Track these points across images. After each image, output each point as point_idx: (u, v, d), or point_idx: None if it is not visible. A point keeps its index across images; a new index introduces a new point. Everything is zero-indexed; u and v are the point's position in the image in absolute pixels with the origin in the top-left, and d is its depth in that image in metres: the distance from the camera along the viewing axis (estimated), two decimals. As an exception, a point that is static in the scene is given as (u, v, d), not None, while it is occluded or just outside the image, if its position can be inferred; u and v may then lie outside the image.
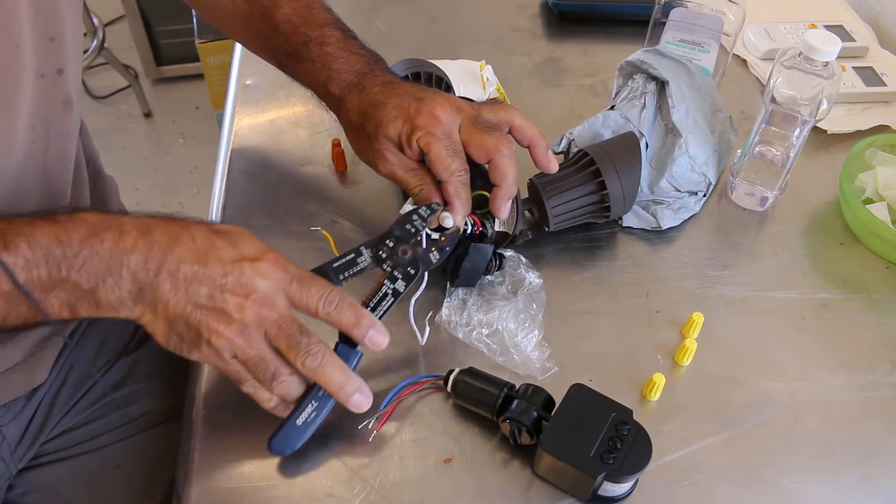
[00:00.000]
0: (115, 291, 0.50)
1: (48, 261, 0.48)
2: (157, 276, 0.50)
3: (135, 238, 0.50)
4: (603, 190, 0.69)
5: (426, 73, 0.78)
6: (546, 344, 0.64)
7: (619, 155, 0.69)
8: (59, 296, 0.49)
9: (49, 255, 0.48)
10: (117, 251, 0.49)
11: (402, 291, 0.58)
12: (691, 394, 0.63)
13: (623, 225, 0.75)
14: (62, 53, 0.57)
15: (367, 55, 0.68)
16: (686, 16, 0.81)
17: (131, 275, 0.50)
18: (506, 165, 0.61)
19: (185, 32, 2.15)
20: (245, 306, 0.51)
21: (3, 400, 0.66)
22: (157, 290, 0.50)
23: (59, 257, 0.48)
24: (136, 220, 0.51)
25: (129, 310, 0.51)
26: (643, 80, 0.78)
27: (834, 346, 0.68)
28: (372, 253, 0.58)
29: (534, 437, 0.56)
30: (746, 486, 0.58)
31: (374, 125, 0.63)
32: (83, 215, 0.50)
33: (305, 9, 0.69)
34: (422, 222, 0.59)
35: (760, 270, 0.73)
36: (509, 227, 0.66)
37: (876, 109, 0.91)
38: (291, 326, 0.52)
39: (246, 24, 0.72)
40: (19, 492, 0.70)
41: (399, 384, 0.61)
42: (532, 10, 1.06)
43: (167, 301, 0.51)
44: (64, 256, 0.48)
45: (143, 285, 0.50)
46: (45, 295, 0.48)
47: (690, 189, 0.76)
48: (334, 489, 0.56)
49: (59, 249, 0.48)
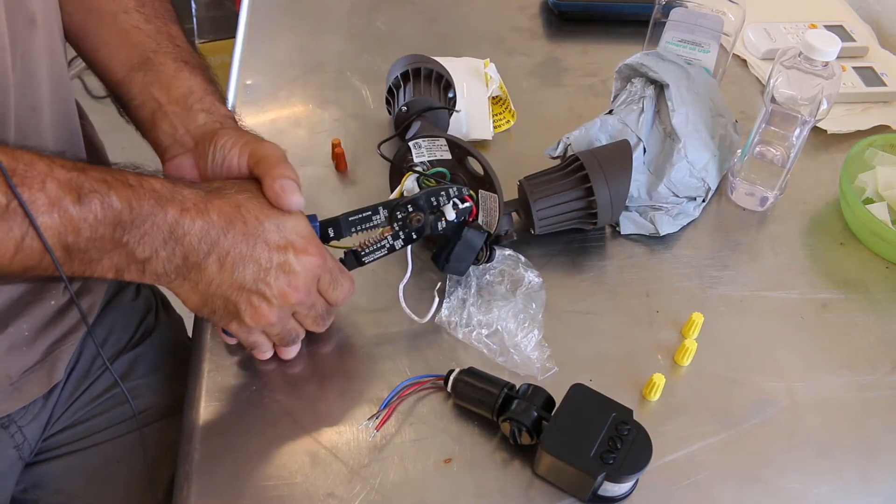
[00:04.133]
0: (166, 265, 0.52)
1: (115, 224, 0.48)
2: (208, 256, 0.53)
3: (193, 216, 0.52)
4: (590, 196, 0.68)
5: (427, 69, 0.78)
6: (546, 344, 0.64)
7: (609, 163, 0.69)
8: (112, 258, 0.50)
9: (118, 219, 0.48)
10: (177, 227, 0.51)
11: (396, 249, 0.63)
12: (691, 394, 0.63)
13: (622, 233, 0.75)
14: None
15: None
16: (686, 16, 0.81)
17: (183, 252, 0.52)
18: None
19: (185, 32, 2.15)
20: (286, 293, 0.55)
21: (25, 401, 0.66)
22: (204, 270, 0.53)
23: (126, 223, 0.49)
24: (195, 196, 0.53)
25: (169, 281, 0.53)
26: (642, 84, 0.78)
27: (834, 346, 0.68)
28: (388, 213, 0.62)
29: (534, 437, 0.56)
30: (746, 486, 0.58)
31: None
32: (151, 182, 0.51)
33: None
34: (446, 200, 0.62)
35: (760, 270, 0.73)
36: (491, 227, 0.66)
37: (876, 109, 0.91)
38: (320, 308, 0.59)
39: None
40: (21, 488, 0.70)
41: (399, 384, 0.61)
42: (532, 10, 1.06)
43: (210, 281, 0.53)
44: (132, 224, 0.49)
45: (192, 263, 0.52)
46: (100, 255, 0.49)
47: (689, 194, 0.76)
48: (334, 489, 0.56)
49: (129, 216, 0.49)
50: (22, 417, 0.67)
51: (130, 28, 0.65)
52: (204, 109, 0.63)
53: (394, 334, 0.66)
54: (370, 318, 0.67)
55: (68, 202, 0.46)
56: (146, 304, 0.81)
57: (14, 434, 0.67)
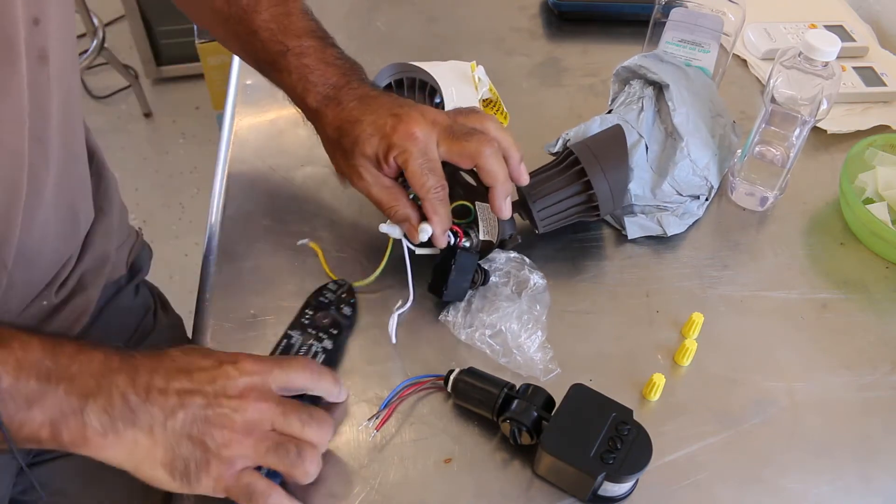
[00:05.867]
0: (107, 412, 0.48)
1: (38, 368, 0.46)
2: (148, 394, 0.49)
3: (119, 361, 0.50)
4: (589, 189, 0.68)
5: (409, 79, 0.78)
6: (549, 346, 0.64)
7: (604, 152, 0.68)
8: (43, 409, 0.46)
9: (40, 362, 0.46)
10: (105, 370, 0.48)
11: (330, 348, 0.62)
12: (691, 394, 0.63)
13: (629, 237, 0.74)
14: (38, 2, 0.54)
15: (344, 65, 0.68)
16: (686, 16, 0.81)
17: (120, 395, 0.48)
18: (493, 166, 0.60)
19: (185, 32, 2.15)
20: (244, 406, 0.51)
21: None
22: (151, 409, 0.49)
23: (49, 367, 0.46)
24: (112, 349, 0.51)
25: (117, 436, 0.48)
26: (640, 85, 0.78)
27: (834, 346, 0.68)
28: (300, 331, 0.63)
29: (534, 437, 0.56)
30: (746, 486, 0.58)
31: (351, 142, 0.63)
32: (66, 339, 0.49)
33: (284, 15, 0.68)
34: (332, 294, 0.66)
35: (760, 270, 0.73)
36: (492, 235, 0.66)
37: (876, 109, 0.91)
38: (294, 407, 0.53)
39: (226, 26, 0.72)
40: (20, 489, 0.70)
41: (399, 384, 0.61)
42: (532, 10, 1.06)
43: (164, 420, 0.49)
44: (55, 366, 0.47)
45: (134, 406, 0.49)
46: (28, 407, 0.46)
47: (692, 193, 0.75)
48: (334, 489, 0.56)
49: (51, 360, 0.47)
50: None
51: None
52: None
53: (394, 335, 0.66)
54: (370, 319, 0.67)
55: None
56: (144, 305, 0.81)
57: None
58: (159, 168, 2.16)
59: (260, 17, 0.68)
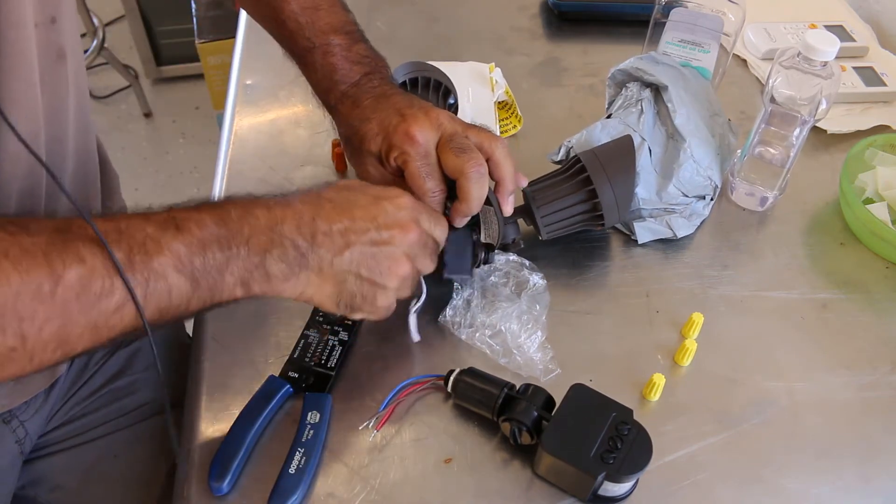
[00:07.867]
0: (283, 260, 0.52)
1: (218, 239, 0.49)
2: (314, 238, 0.53)
3: (281, 211, 0.52)
4: (594, 198, 0.67)
5: (424, 78, 0.78)
6: (549, 346, 0.64)
7: (611, 161, 0.67)
8: (233, 272, 0.50)
9: (217, 234, 0.49)
10: (272, 223, 0.52)
11: (347, 339, 0.64)
12: (691, 394, 0.63)
13: (639, 242, 0.74)
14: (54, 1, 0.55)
15: (369, 63, 0.68)
16: (686, 16, 0.81)
17: (291, 243, 0.52)
18: (468, 188, 0.60)
19: (185, 32, 2.15)
20: (406, 236, 0.56)
21: (27, 395, 0.66)
22: (318, 251, 0.53)
23: (225, 235, 0.50)
24: (272, 199, 0.54)
25: (295, 278, 0.53)
26: (637, 88, 0.77)
27: (834, 346, 0.68)
28: (315, 329, 0.65)
29: (534, 437, 0.56)
30: (746, 486, 0.58)
31: (359, 139, 0.64)
32: (227, 204, 0.52)
33: (313, 9, 0.69)
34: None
35: (760, 270, 0.73)
36: (493, 238, 0.66)
37: (876, 109, 0.91)
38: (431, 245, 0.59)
39: (256, 9, 0.73)
40: (19, 484, 0.70)
41: (399, 384, 0.61)
42: (532, 10, 1.06)
43: (331, 259, 0.53)
44: (229, 233, 0.50)
45: (304, 251, 0.52)
46: (220, 274, 0.50)
47: (698, 193, 0.75)
48: (334, 489, 0.56)
49: (224, 228, 0.50)
50: (24, 412, 0.67)
51: None
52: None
53: (394, 335, 0.66)
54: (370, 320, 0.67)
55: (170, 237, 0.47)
56: None
57: (16, 429, 0.67)
58: (159, 168, 2.15)
59: (288, 7, 0.69)
